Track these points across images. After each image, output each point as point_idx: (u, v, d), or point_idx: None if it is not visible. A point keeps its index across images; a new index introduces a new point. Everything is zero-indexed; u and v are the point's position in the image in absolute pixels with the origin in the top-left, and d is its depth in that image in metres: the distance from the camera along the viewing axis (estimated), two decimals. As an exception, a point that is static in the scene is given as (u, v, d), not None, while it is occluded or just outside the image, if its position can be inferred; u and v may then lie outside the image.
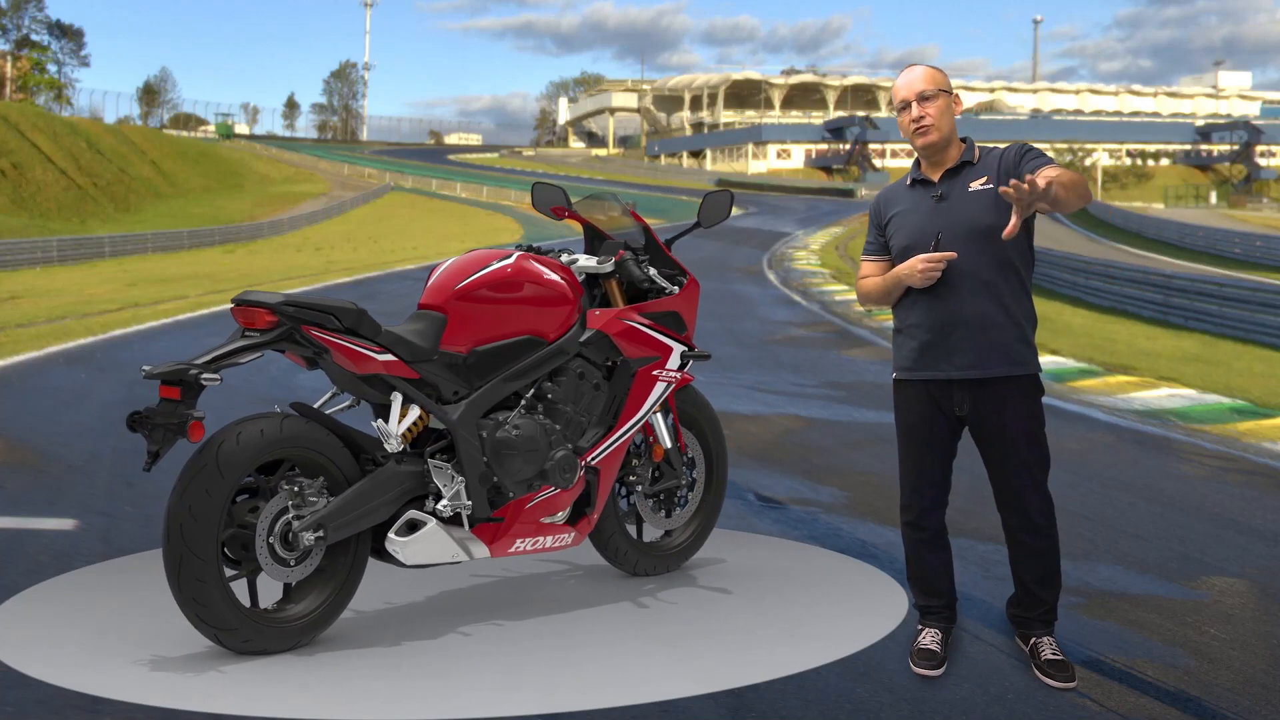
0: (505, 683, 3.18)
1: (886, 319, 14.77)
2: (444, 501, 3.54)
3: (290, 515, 3.32)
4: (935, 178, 3.41)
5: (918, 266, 3.31)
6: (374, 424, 3.55)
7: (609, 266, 4.03)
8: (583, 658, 3.37)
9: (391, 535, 3.50)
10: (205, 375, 3.20)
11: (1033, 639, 3.41)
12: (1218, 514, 5.40)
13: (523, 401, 3.78)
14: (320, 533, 3.33)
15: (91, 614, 3.70)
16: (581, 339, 3.91)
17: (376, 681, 3.18)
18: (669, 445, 4.21)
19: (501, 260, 3.79)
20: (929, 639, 3.42)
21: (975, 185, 3.35)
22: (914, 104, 3.37)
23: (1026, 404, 3.37)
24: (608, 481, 3.96)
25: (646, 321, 4.08)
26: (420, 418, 3.60)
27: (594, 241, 4.21)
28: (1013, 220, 3.14)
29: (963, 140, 3.44)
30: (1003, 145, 3.49)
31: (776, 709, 3.05)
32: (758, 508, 5.32)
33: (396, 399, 3.54)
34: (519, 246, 3.98)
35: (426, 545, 3.52)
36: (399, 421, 3.54)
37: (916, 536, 3.52)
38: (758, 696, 3.12)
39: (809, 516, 5.16)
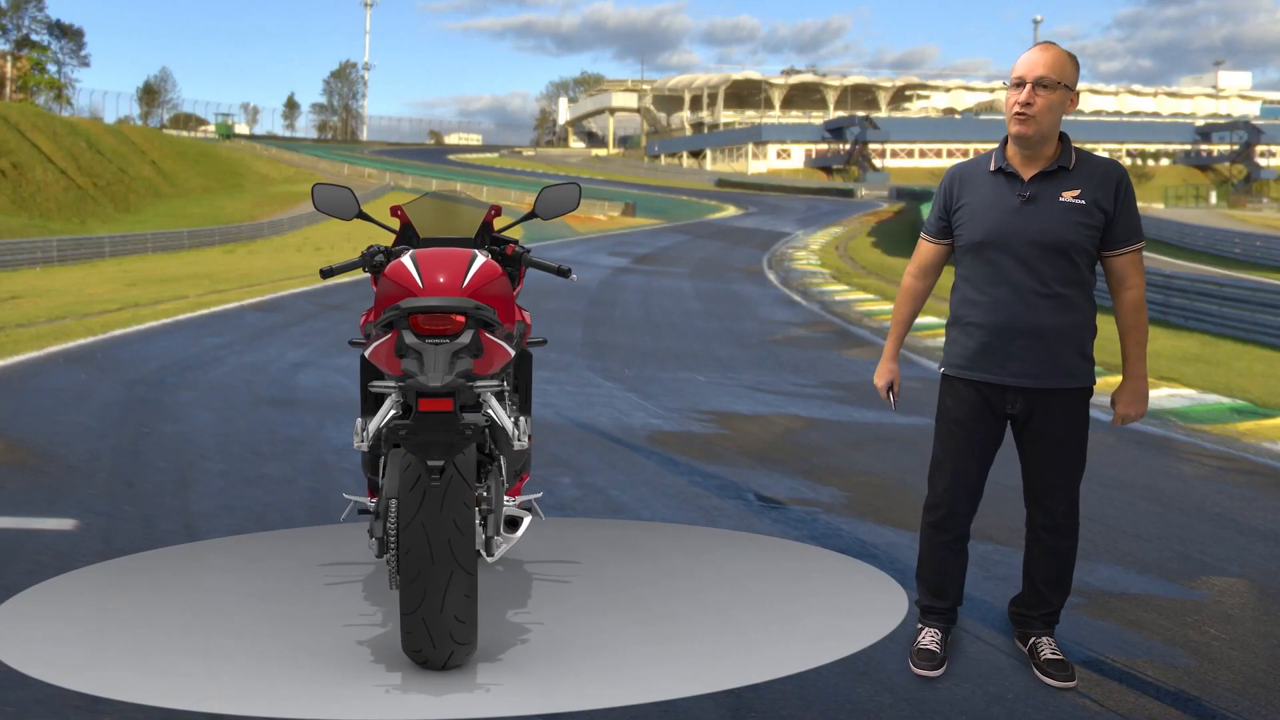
0: (505, 683, 3.18)
1: (888, 319, 14.78)
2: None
3: (479, 519, 3.31)
4: (1026, 174, 3.22)
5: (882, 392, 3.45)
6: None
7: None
8: (583, 658, 3.37)
9: (504, 532, 3.51)
10: (480, 384, 3.15)
11: (1032, 639, 3.40)
12: (1218, 514, 5.40)
13: (505, 393, 3.83)
14: (499, 533, 3.34)
15: (91, 614, 3.70)
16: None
17: (377, 681, 3.18)
18: None
19: (477, 256, 3.80)
20: (929, 639, 3.42)
21: (1068, 196, 3.17)
22: (1029, 85, 3.14)
23: (1077, 411, 3.31)
24: None
25: None
26: None
27: (412, 240, 4.11)
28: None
29: (1060, 139, 3.23)
30: (1097, 150, 3.39)
31: (776, 709, 3.05)
32: (758, 508, 5.31)
33: (489, 397, 3.55)
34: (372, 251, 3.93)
35: (510, 541, 3.54)
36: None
37: (938, 539, 3.43)
38: (758, 696, 3.12)
39: (809, 516, 5.16)
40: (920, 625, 3.50)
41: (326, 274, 4.06)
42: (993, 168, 3.27)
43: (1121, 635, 3.67)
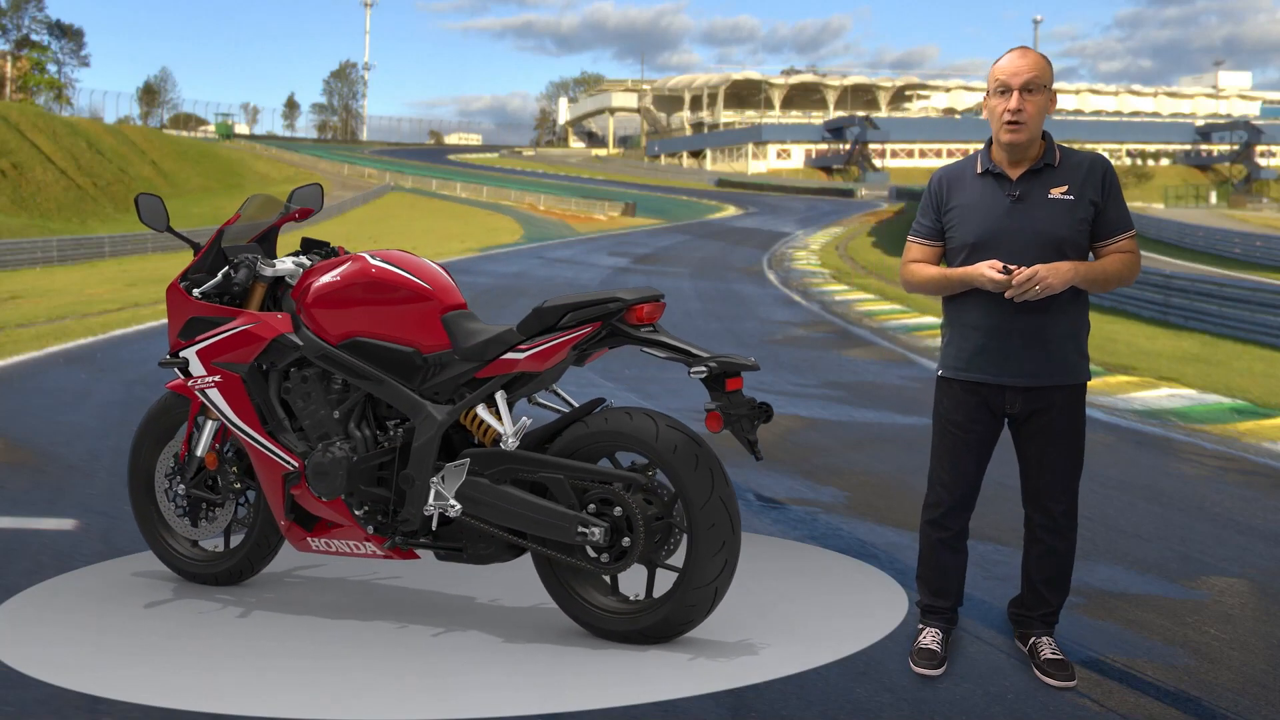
0: (505, 683, 3.18)
1: (888, 319, 14.78)
2: None
3: None
4: (1013, 174, 3.23)
5: (989, 281, 3.14)
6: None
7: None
8: (583, 658, 3.37)
9: None
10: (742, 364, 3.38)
11: (1032, 638, 3.40)
12: (1218, 514, 5.40)
13: None
14: None
15: (91, 614, 3.70)
16: None
17: (376, 681, 3.18)
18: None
19: (435, 261, 3.86)
20: (929, 639, 3.41)
21: (1056, 193, 3.19)
22: (1016, 93, 3.14)
23: (1074, 408, 3.31)
24: None
25: None
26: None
27: (219, 253, 3.98)
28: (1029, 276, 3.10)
29: (1043, 137, 3.24)
30: (1079, 147, 3.38)
31: (776, 709, 3.05)
32: (758, 508, 5.31)
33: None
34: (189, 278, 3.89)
35: None
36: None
37: (937, 536, 3.45)
38: (758, 696, 3.12)
39: (809, 516, 5.16)
40: (921, 625, 3.50)
41: (204, 295, 3.84)
42: (979, 170, 3.29)
43: (1121, 635, 3.67)
